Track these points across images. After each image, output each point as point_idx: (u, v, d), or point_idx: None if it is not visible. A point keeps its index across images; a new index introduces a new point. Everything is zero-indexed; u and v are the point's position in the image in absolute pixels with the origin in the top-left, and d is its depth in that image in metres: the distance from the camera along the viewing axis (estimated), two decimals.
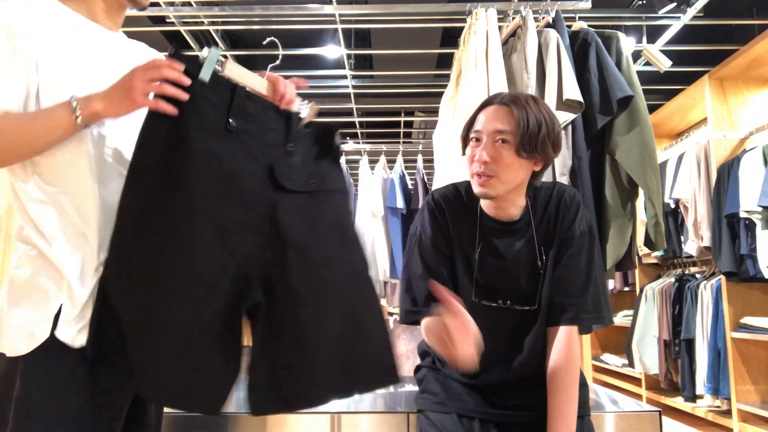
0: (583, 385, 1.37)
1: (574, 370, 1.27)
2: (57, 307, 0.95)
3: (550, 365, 1.28)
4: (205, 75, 1.02)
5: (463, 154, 1.34)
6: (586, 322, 1.31)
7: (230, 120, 1.01)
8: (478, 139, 1.27)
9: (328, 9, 2.77)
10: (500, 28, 2.13)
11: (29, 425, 0.92)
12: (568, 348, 1.27)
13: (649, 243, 1.96)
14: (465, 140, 1.32)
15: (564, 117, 1.86)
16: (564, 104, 1.86)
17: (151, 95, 0.96)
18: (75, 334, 0.96)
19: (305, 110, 1.14)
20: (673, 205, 3.86)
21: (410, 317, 1.34)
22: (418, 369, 1.53)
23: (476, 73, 1.99)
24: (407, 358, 2.97)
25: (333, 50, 3.55)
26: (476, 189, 1.26)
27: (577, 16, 2.23)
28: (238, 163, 1.02)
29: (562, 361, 1.26)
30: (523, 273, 1.31)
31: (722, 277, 3.31)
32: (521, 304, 1.31)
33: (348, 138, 5.25)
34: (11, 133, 0.93)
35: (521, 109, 1.23)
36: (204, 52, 1.04)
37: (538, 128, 1.22)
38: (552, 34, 1.95)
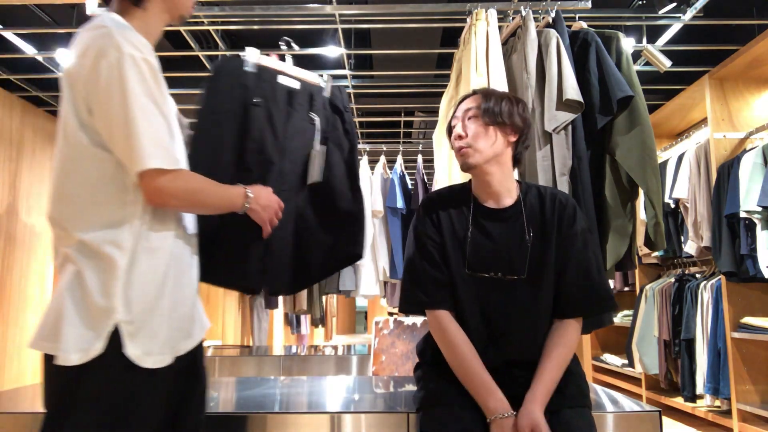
0: (583, 380, 1.41)
1: (572, 348, 1.37)
2: (112, 325, 1.04)
3: (552, 340, 1.37)
4: None
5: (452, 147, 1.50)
6: (602, 310, 1.42)
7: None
8: (455, 125, 1.47)
9: (328, 9, 2.77)
10: (500, 28, 2.13)
11: (88, 419, 1.02)
12: (572, 331, 1.38)
13: (649, 243, 1.96)
14: (449, 132, 1.50)
15: (564, 117, 1.86)
16: (564, 104, 1.86)
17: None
18: (141, 354, 1.06)
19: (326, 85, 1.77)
20: (673, 205, 3.86)
21: (410, 304, 1.45)
22: (417, 368, 1.53)
23: (476, 74, 1.99)
24: (407, 358, 2.97)
25: (333, 50, 3.55)
26: (459, 162, 1.44)
27: (577, 16, 2.23)
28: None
29: (564, 339, 1.36)
30: (512, 247, 1.41)
31: (722, 277, 3.32)
32: (511, 275, 1.39)
33: None
34: (209, 197, 1.19)
35: (486, 91, 1.47)
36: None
37: (500, 100, 1.43)
38: (552, 34, 1.95)
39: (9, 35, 3.29)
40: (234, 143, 1.55)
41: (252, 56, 1.66)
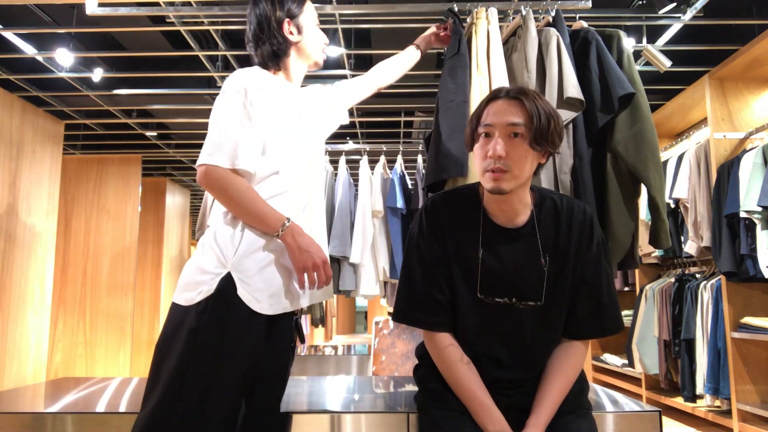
0: (584, 381, 1.39)
1: (579, 369, 1.32)
2: (225, 272, 1.30)
3: (560, 361, 1.32)
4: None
5: (470, 150, 1.33)
6: (610, 333, 1.35)
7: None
8: (488, 134, 1.25)
9: (328, 9, 2.77)
10: (500, 27, 2.13)
11: (194, 351, 1.26)
12: (580, 353, 1.33)
13: (653, 240, 1.95)
14: (472, 136, 1.30)
15: (565, 116, 1.85)
16: (565, 103, 1.86)
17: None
18: (252, 299, 1.30)
19: None
20: (673, 205, 3.86)
21: (405, 318, 1.37)
22: (417, 368, 1.52)
23: (477, 72, 1.99)
24: (407, 358, 2.97)
25: (333, 50, 3.55)
26: (489, 185, 1.24)
27: (578, 16, 2.23)
28: None
29: (572, 361, 1.31)
30: (527, 272, 1.31)
31: (722, 277, 3.31)
32: (526, 301, 1.30)
33: (348, 138, 5.25)
34: (242, 200, 1.34)
35: (531, 102, 1.23)
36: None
37: (548, 121, 1.22)
38: (552, 32, 1.95)
39: (9, 35, 3.29)
40: None
41: None
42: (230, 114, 1.36)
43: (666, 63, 3.06)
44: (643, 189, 1.91)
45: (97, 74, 3.77)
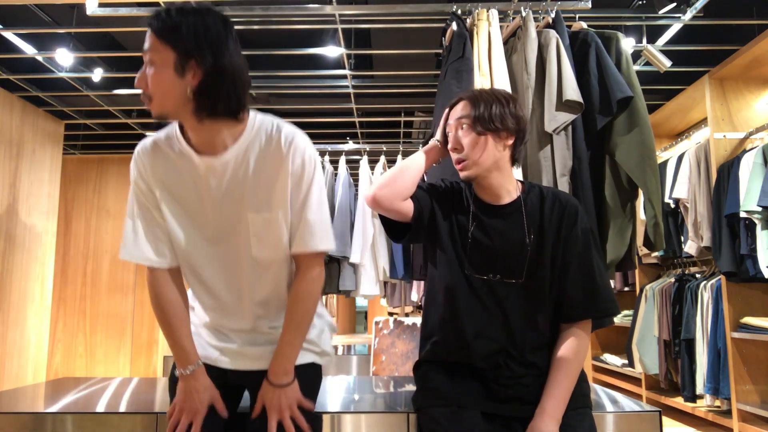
0: (584, 380, 1.40)
1: (581, 357, 1.35)
2: None
3: (560, 349, 1.34)
4: None
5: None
6: (606, 313, 1.39)
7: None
8: (448, 132, 1.44)
9: (328, 9, 2.77)
10: (500, 28, 2.13)
11: None
12: (580, 339, 1.35)
13: (648, 243, 1.96)
14: (445, 140, 1.47)
15: (564, 118, 1.86)
16: (564, 105, 1.86)
17: None
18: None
19: None
20: (673, 205, 3.86)
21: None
22: (417, 366, 1.52)
23: (479, 74, 2.00)
24: (407, 358, 2.97)
25: (333, 50, 3.54)
26: (461, 175, 1.41)
27: (577, 16, 2.23)
28: None
29: (572, 348, 1.33)
30: (512, 249, 1.38)
31: (722, 277, 3.32)
32: (509, 278, 1.37)
33: (348, 138, 5.25)
34: (164, 324, 1.35)
35: (474, 96, 1.42)
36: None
37: (490, 105, 1.37)
38: (552, 34, 1.95)
39: (9, 35, 3.29)
40: None
41: None
42: (129, 205, 1.42)
43: (666, 63, 3.06)
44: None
45: (97, 74, 3.77)
